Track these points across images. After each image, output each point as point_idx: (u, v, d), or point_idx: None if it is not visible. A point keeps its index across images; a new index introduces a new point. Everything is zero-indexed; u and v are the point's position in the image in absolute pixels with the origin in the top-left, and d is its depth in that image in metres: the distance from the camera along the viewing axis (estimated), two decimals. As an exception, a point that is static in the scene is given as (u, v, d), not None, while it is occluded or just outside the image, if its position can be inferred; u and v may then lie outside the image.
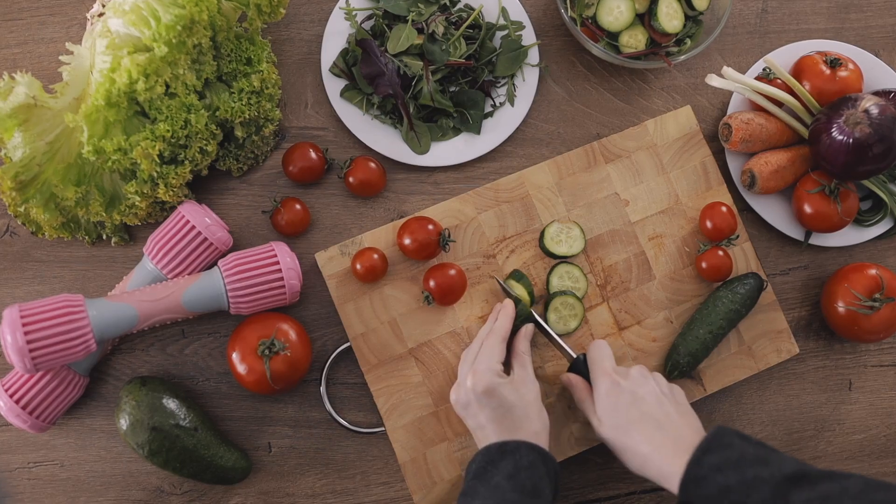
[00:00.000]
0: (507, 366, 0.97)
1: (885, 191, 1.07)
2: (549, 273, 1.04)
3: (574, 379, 0.99)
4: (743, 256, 1.07)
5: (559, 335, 1.03)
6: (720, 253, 1.04)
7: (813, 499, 0.78)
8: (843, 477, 0.79)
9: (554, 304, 1.03)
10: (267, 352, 0.96)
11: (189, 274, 0.98)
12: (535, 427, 0.92)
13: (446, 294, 1.01)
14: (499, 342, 0.96)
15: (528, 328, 1.00)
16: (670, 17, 1.06)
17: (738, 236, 1.06)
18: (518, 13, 1.08)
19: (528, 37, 1.08)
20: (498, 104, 1.08)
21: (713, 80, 1.03)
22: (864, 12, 1.15)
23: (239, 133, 1.01)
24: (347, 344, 1.03)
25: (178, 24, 0.91)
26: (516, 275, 1.03)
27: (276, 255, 0.97)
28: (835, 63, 1.06)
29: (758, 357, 1.06)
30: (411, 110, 1.05)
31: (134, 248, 1.05)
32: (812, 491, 0.79)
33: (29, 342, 0.87)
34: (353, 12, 1.06)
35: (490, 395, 0.92)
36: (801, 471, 0.81)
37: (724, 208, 1.05)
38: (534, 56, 1.08)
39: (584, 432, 1.03)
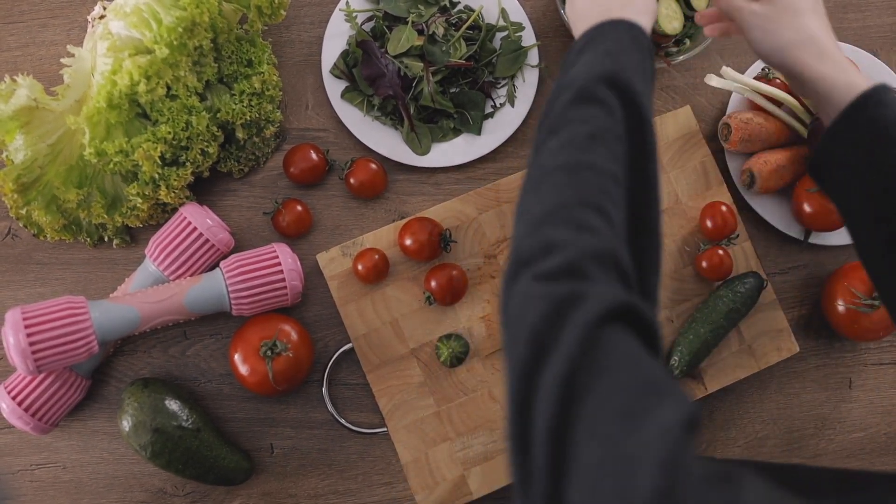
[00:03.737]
0: None
1: (884, 190, 1.07)
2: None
3: None
4: (743, 256, 1.07)
5: None
6: (720, 252, 1.04)
7: None
8: None
9: None
10: (269, 353, 0.96)
11: (191, 275, 0.98)
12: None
13: (448, 294, 1.02)
14: None
15: None
16: (670, 19, 1.06)
17: (737, 235, 1.07)
18: (518, 14, 1.09)
19: (528, 38, 1.09)
20: (498, 105, 1.08)
21: (712, 80, 1.03)
22: (863, 12, 1.15)
23: (240, 135, 1.01)
24: (349, 345, 1.03)
25: (179, 26, 0.91)
26: None
27: (277, 257, 0.97)
28: (833, 63, 1.06)
29: (758, 356, 1.06)
30: (412, 111, 1.05)
31: (135, 249, 1.05)
32: None
33: (31, 344, 0.87)
34: (354, 14, 1.06)
35: None
36: None
37: (723, 208, 1.05)
38: (534, 57, 1.08)
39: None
